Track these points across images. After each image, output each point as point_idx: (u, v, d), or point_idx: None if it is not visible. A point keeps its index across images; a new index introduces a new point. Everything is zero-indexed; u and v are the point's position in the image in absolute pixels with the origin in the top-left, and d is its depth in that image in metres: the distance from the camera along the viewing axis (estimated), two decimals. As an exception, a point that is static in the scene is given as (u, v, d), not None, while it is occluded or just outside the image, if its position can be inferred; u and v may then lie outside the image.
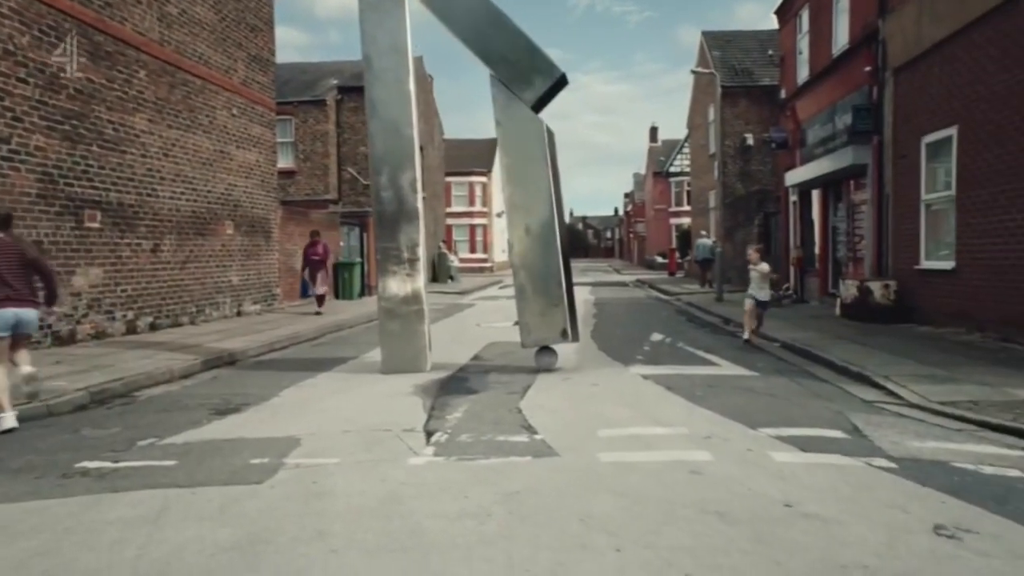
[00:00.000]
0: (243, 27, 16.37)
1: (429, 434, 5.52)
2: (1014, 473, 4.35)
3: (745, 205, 27.22)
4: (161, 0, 13.07)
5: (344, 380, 8.24)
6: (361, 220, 24.58)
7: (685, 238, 39.70)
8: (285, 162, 26.99)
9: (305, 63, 34.33)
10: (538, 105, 8.74)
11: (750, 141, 27.43)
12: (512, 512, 3.73)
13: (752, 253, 11.40)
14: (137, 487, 4.28)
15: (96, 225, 11.30)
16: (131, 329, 12.08)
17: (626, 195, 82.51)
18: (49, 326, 10.22)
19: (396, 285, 8.78)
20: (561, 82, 8.73)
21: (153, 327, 12.67)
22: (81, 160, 10.92)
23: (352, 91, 29.90)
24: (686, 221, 44.10)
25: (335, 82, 30.18)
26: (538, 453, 4.92)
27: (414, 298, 8.76)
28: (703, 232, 29.79)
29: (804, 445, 5.01)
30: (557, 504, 3.85)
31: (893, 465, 4.51)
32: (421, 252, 8.84)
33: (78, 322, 10.86)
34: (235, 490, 4.20)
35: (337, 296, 21.71)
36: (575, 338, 8.72)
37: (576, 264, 65.97)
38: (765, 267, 11.03)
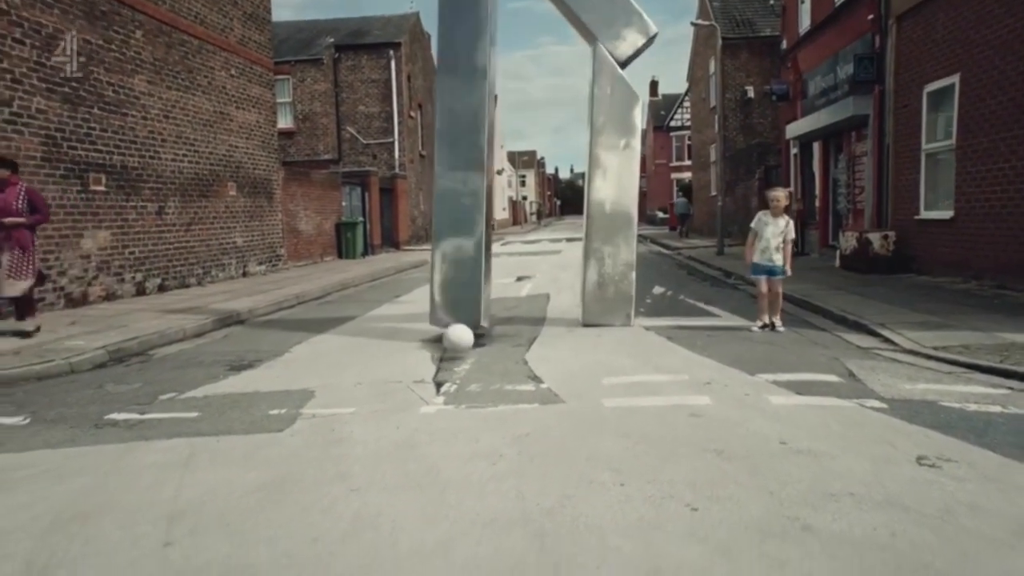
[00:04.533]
0: (238, -15, 16.21)
1: (439, 385, 5.72)
2: (995, 409, 4.57)
3: (746, 158, 27.18)
4: (156, -41, 12.95)
5: (353, 336, 8.44)
6: (363, 180, 24.59)
7: (686, 193, 39.65)
8: (284, 123, 26.88)
9: (301, 21, 33.99)
10: (626, 63, 8.48)
11: (751, 94, 27.27)
12: (521, 453, 3.94)
13: (779, 194, 8.15)
14: (165, 436, 4.50)
15: (101, 188, 11.40)
16: (140, 291, 12.27)
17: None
18: (62, 288, 10.41)
19: (452, 236, 8.21)
20: (652, 40, 8.48)
21: (161, 288, 12.86)
22: (83, 123, 10.97)
23: (349, 49, 29.64)
24: (687, 176, 43.99)
25: (332, 40, 29.87)
26: (545, 400, 5.13)
27: (475, 247, 8.15)
28: (680, 193, 29.91)
29: (800, 389, 5.21)
30: (564, 445, 4.06)
31: (884, 406, 4.71)
32: (483, 202, 8.19)
33: (89, 284, 11.04)
34: (257, 438, 4.42)
35: (340, 255, 21.87)
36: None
37: (576, 220, 66.08)
38: (792, 228, 8.27)
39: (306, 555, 2.79)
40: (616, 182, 8.53)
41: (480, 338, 7.62)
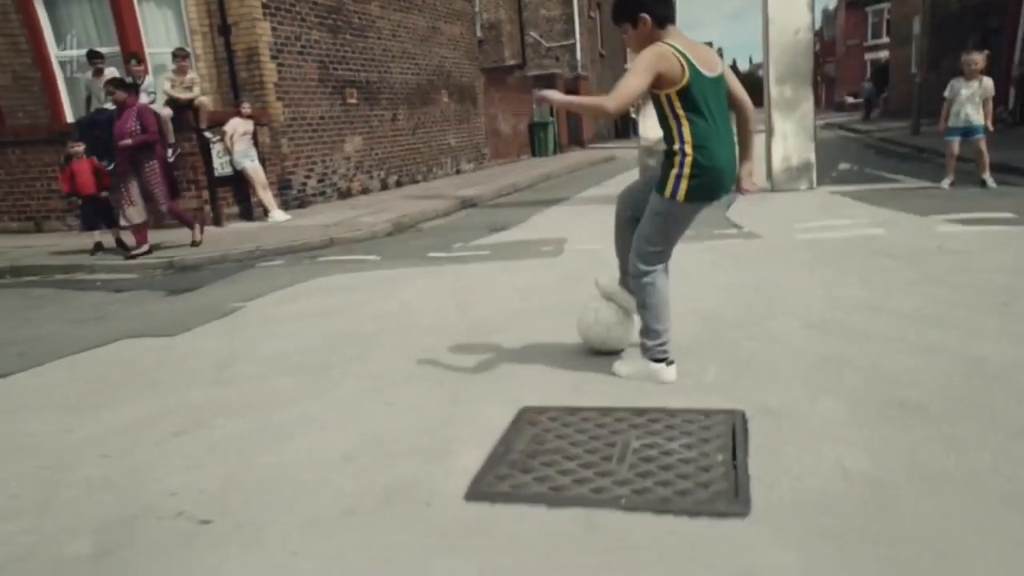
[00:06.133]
0: (441, -95, 17.81)
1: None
2: None
3: (958, 25, 25.18)
4: None
5: (573, 207, 10.25)
6: (550, 82, 26.01)
7: (883, 74, 37.31)
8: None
9: (481, -71, 35.02)
10: None
11: None
12: (736, 259, 5.54)
13: (976, 57, 8.43)
14: (475, 261, 6.54)
15: (354, 101, 13.81)
16: (384, 186, 14.80)
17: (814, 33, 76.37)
18: (334, 183, 13.04)
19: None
20: None
21: (398, 184, 15.35)
22: (340, 48, 13.30)
23: (530, -47, 30.57)
24: (884, 55, 41.12)
25: (513, -55, 30.87)
26: (747, 237, 6.63)
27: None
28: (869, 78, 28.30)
29: (968, 222, 6.31)
30: (767, 256, 5.61)
31: (1039, 231, 5.77)
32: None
33: (351, 181, 13.64)
34: (542, 261, 6.33)
35: (534, 154, 23.76)
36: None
37: (757, 113, 63.67)
38: (990, 84, 8.45)
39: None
40: (791, 66, 9.64)
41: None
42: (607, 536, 1.97)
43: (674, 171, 2.96)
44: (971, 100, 8.39)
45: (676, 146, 2.96)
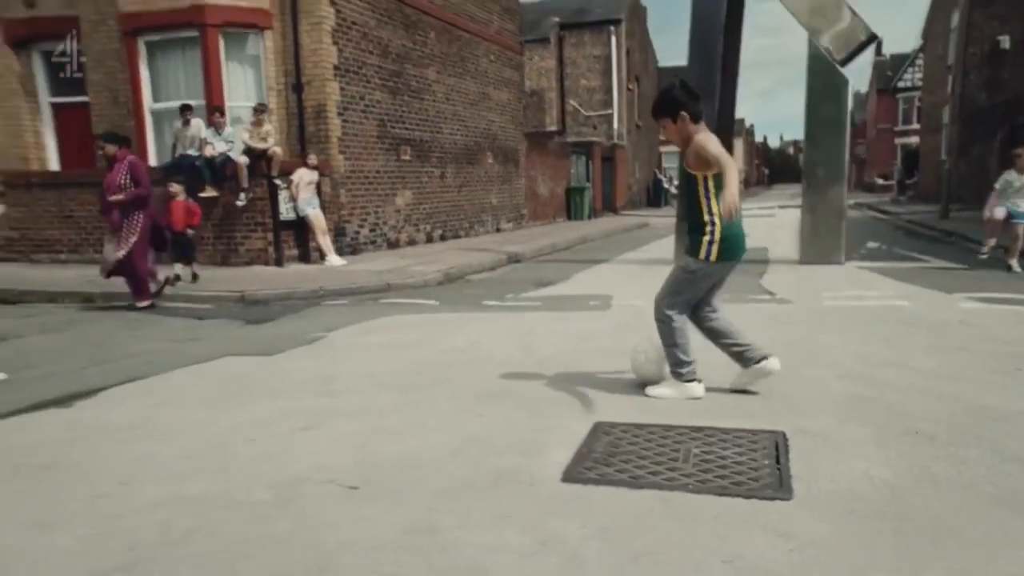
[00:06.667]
0: (496, -17, 19.12)
1: (701, 293, 7.94)
2: None
3: (986, 118, 25.86)
4: (443, -29, 16.07)
5: (614, 268, 10.89)
6: (588, 149, 27.08)
7: (913, 159, 38.06)
8: (517, 98, 30.00)
9: (527, 3, 36.86)
10: (844, 62, 9.96)
11: (1005, 44, 25.47)
12: (773, 321, 6.11)
13: None
14: (529, 311, 7.16)
15: (407, 158, 14.73)
16: (429, 239, 15.59)
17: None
18: (384, 234, 13.84)
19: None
20: (871, 41, 9.90)
21: (442, 238, 16.15)
22: (398, 108, 14.29)
23: (572, 27, 32.09)
24: (914, 140, 41.98)
25: (557, 20, 32.45)
26: (780, 302, 7.20)
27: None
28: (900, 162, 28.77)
29: (991, 301, 6.83)
30: (796, 319, 6.17)
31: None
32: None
33: (399, 232, 14.45)
34: (591, 313, 6.94)
35: (569, 217, 24.60)
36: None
37: (785, 190, 65.14)
38: None
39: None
40: (827, 150, 10.28)
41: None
42: (679, 508, 2.53)
43: (706, 238, 3.74)
44: (1022, 193, 9.09)
45: (707, 217, 3.73)
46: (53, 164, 13.10)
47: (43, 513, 2.64)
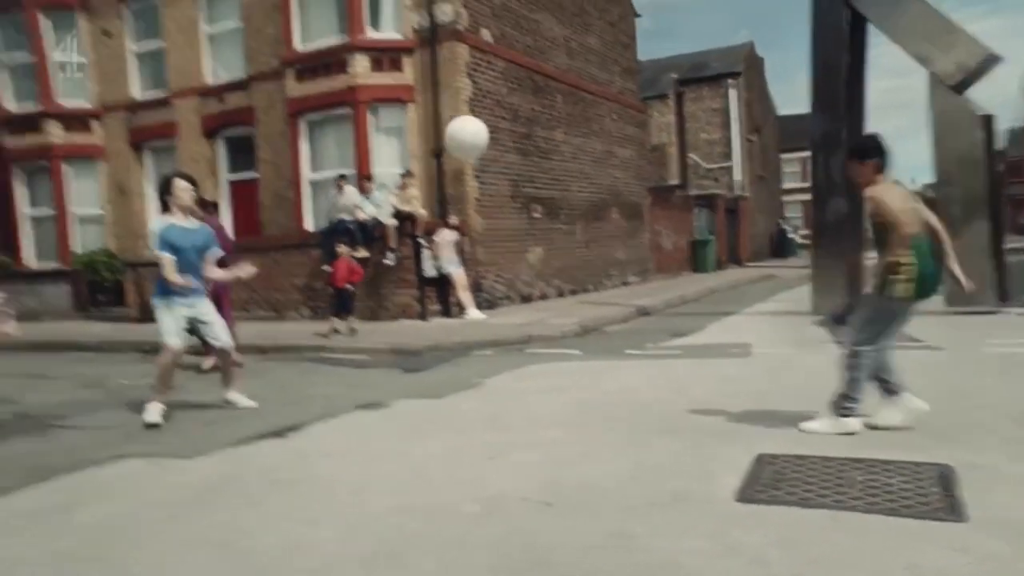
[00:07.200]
0: (617, 46, 19.86)
1: (840, 344, 7.89)
2: None
3: None
4: (567, 39, 16.93)
5: (747, 318, 10.94)
6: (710, 202, 27.10)
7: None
8: (638, 154, 30.54)
9: (645, 61, 37.66)
10: (960, 87, 9.39)
11: None
12: (925, 368, 6.09)
13: None
14: (671, 358, 7.42)
15: (538, 216, 15.40)
16: (560, 293, 16.09)
17: (996, 153, 72.75)
18: (517, 289, 14.46)
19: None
20: (989, 61, 9.17)
21: (572, 292, 16.59)
22: (529, 168, 15.05)
23: (691, 82, 32.47)
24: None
25: (675, 76, 32.92)
26: (932, 349, 7.11)
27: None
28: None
29: None
30: (951, 363, 6.12)
31: None
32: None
33: (531, 287, 15.03)
34: (732, 360, 7.12)
35: (694, 270, 24.56)
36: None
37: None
38: None
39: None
40: (964, 187, 9.77)
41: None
42: (851, 524, 2.77)
43: (899, 275, 3.94)
44: None
45: (896, 257, 3.96)
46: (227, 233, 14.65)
47: (307, 513, 3.21)
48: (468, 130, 4.54)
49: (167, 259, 5.50)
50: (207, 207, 8.35)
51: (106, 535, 3.14)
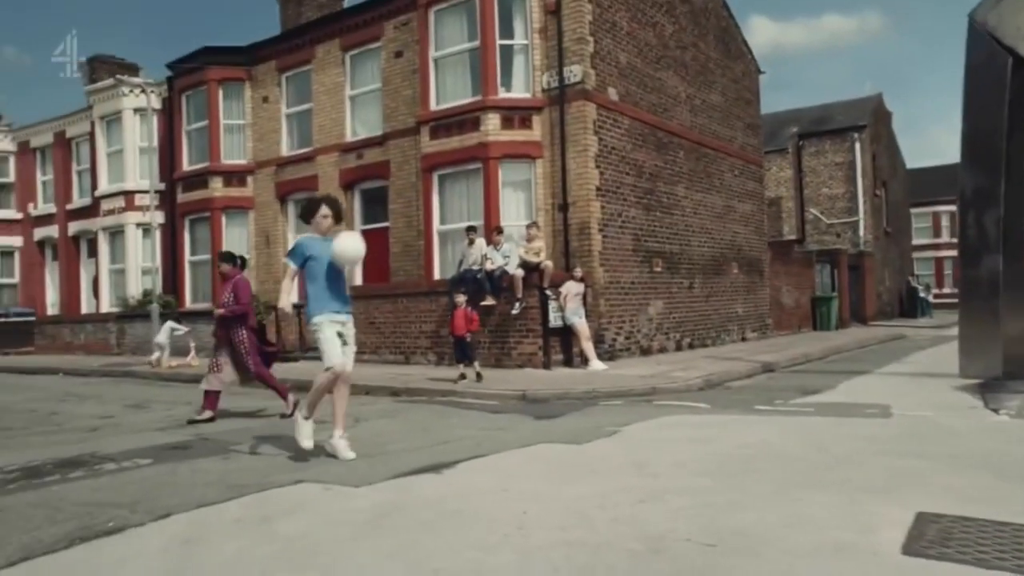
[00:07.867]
0: (740, 102, 19.92)
1: (994, 410, 7.49)
2: None
3: None
4: (691, 97, 17.17)
5: (880, 379, 10.57)
6: (833, 257, 26.26)
7: None
8: (756, 209, 30.08)
9: (765, 114, 37.28)
10: None
11: None
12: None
13: None
14: (803, 415, 7.33)
15: (659, 269, 15.50)
16: (678, 347, 16.01)
17: None
18: (637, 341, 14.52)
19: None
20: None
21: (691, 346, 16.49)
22: (651, 223, 15.24)
23: (812, 136, 31.87)
24: None
25: (795, 130, 32.40)
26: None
27: None
28: None
29: None
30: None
31: None
32: None
33: (651, 340, 15.06)
34: (870, 420, 6.96)
35: (815, 327, 23.77)
36: None
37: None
38: None
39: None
40: None
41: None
42: (1038, 588, 2.76)
43: None
44: None
45: None
46: (357, 279, 15.55)
47: (479, 541, 3.48)
48: (351, 247, 4.75)
49: (290, 268, 5.66)
50: (234, 261, 8.43)
51: (307, 544, 3.52)
